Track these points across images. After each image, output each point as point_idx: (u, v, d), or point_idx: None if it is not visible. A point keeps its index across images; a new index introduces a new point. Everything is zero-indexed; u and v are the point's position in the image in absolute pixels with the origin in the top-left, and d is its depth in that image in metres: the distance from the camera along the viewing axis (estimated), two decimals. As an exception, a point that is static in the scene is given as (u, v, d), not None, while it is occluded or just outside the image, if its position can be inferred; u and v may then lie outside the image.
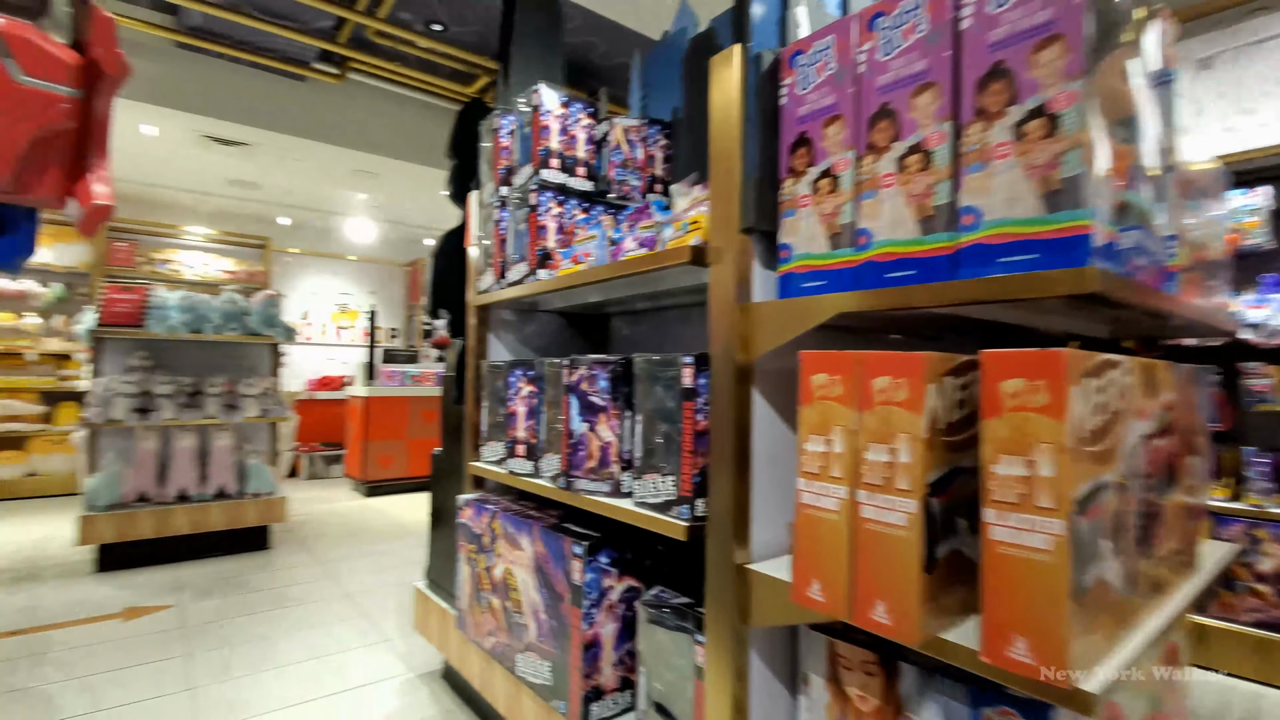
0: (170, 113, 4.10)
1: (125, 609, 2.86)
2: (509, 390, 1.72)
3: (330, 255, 7.47)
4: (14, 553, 3.70)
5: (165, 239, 6.31)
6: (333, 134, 4.55)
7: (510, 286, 1.76)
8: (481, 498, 1.86)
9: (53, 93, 1.68)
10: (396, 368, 5.67)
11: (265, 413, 3.82)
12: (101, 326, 3.44)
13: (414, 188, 5.66)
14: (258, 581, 3.23)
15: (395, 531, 4.28)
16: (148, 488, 3.51)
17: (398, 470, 5.53)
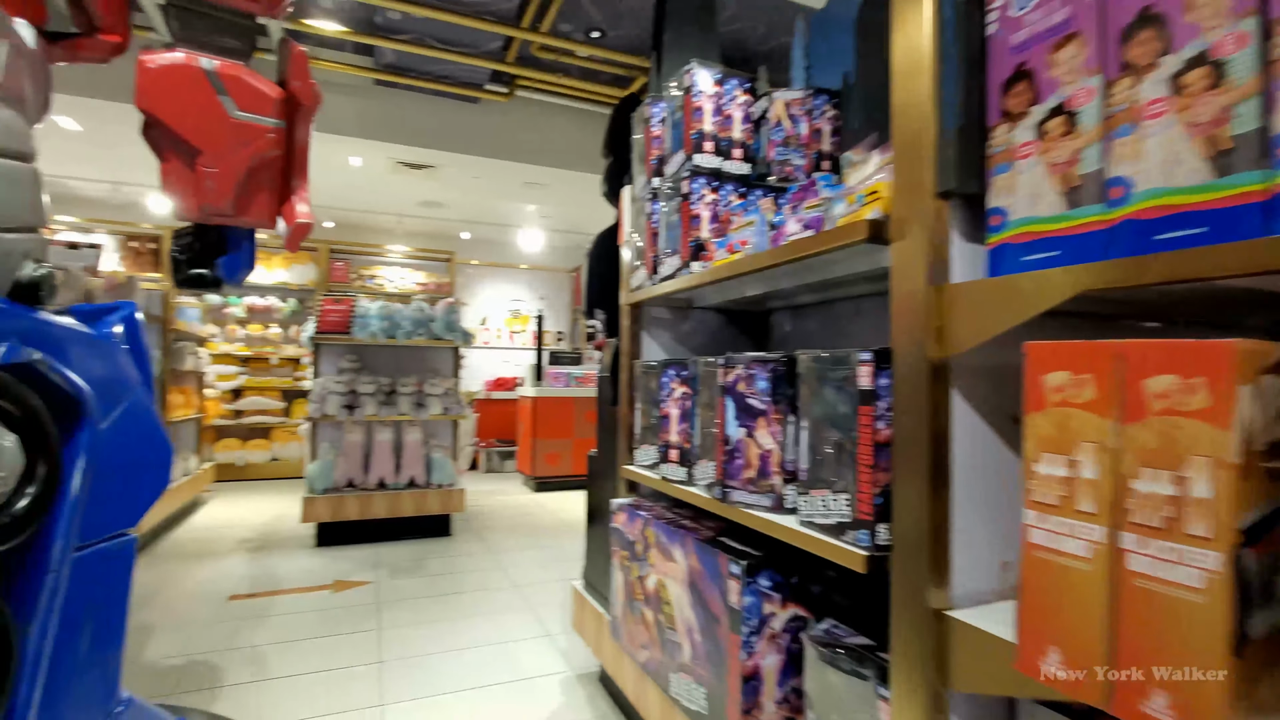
0: (371, 144, 4.64)
1: (334, 581, 3.23)
2: (662, 391, 1.63)
3: (504, 265, 8.05)
4: (258, 525, 4.39)
5: (371, 257, 7.20)
6: (504, 150, 4.86)
7: (663, 282, 1.67)
8: (635, 503, 1.79)
9: (261, 124, 1.91)
10: (562, 369, 5.92)
11: (446, 410, 4.15)
12: (318, 334, 3.95)
13: (579, 196, 5.88)
14: (439, 565, 3.49)
15: (560, 527, 4.44)
16: (355, 475, 3.97)
17: (564, 468, 5.76)
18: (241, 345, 6.39)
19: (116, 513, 1.29)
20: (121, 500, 1.30)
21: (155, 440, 1.41)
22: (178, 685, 2.16)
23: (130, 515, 1.33)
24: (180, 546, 3.86)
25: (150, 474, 1.39)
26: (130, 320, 1.51)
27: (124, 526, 1.31)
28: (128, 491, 1.32)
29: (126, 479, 1.32)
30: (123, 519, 1.31)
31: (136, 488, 1.35)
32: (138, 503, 1.36)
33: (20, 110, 1.23)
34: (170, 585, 3.15)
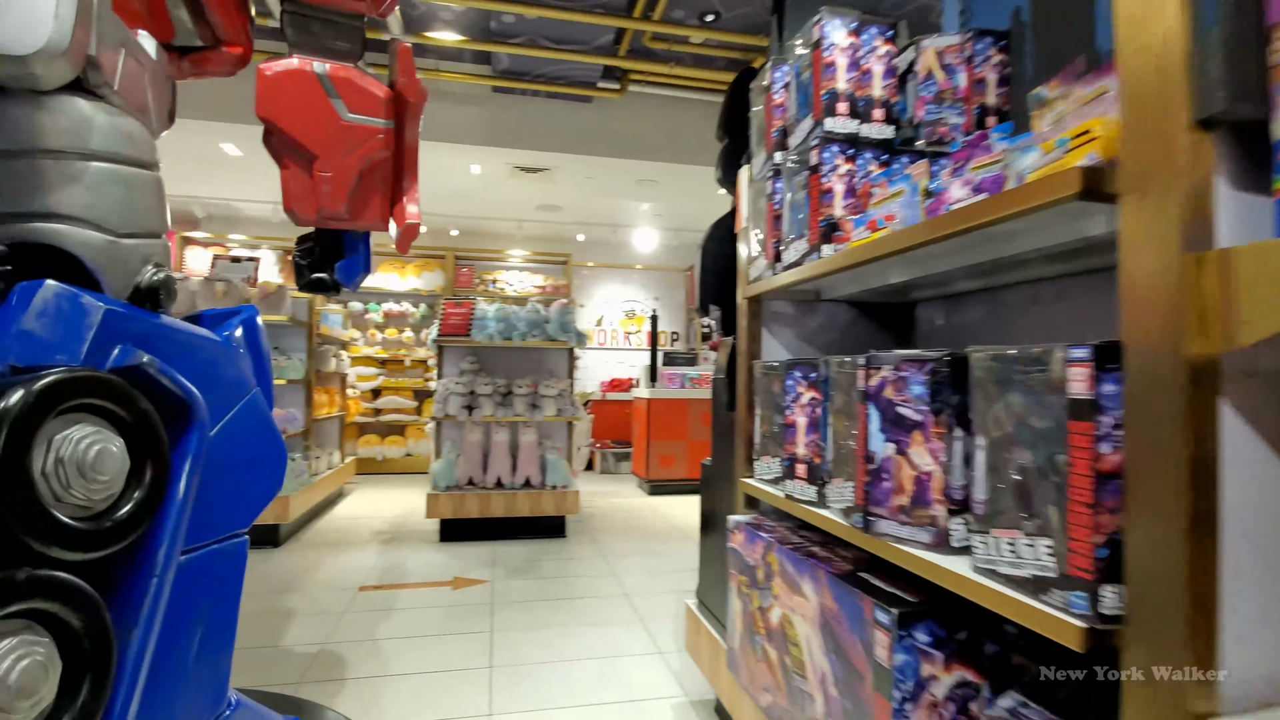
0: (490, 150, 4.77)
1: (454, 578, 3.29)
2: (786, 396, 1.41)
3: (619, 265, 8.06)
4: (391, 518, 4.63)
5: (493, 262, 7.48)
6: (617, 148, 4.81)
7: (787, 271, 1.45)
8: (754, 521, 1.58)
9: (371, 125, 1.90)
10: (676, 370, 5.78)
11: (560, 412, 4.14)
12: (441, 336, 4.08)
13: (692, 191, 5.72)
14: (552, 568, 3.46)
15: (673, 533, 4.29)
16: (474, 474, 4.06)
17: (678, 471, 5.62)
18: (379, 348, 6.86)
19: (228, 514, 1.29)
20: (233, 502, 1.30)
21: (269, 442, 1.41)
22: (306, 674, 2.24)
23: (243, 516, 1.33)
24: (324, 535, 4.15)
25: (263, 476, 1.39)
26: (250, 324, 1.54)
27: (236, 528, 1.31)
28: (240, 493, 1.32)
29: (239, 481, 1.32)
30: (235, 520, 1.31)
31: (249, 490, 1.35)
32: (250, 504, 1.36)
33: (143, 120, 1.26)
34: (312, 572, 3.35)
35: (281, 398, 4.23)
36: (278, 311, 3.87)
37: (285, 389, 4.24)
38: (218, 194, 6.07)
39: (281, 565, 3.47)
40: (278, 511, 3.74)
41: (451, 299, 4.19)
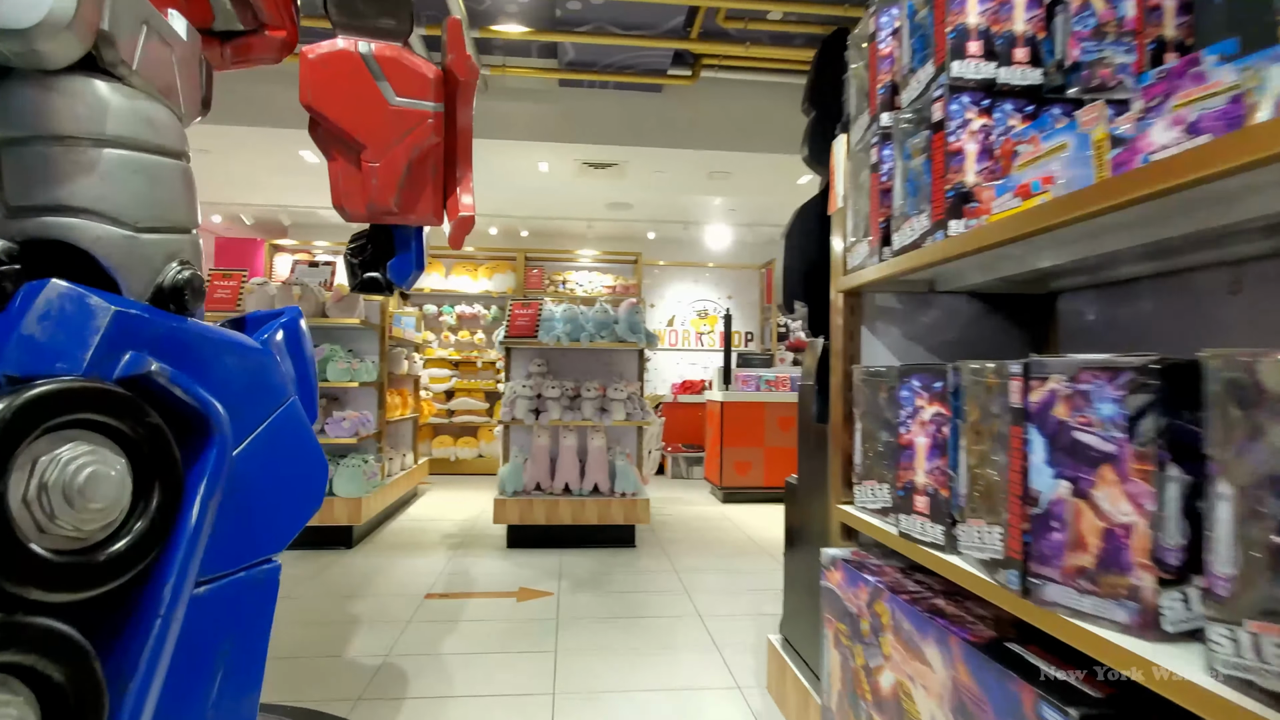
0: (557, 147, 4.65)
1: (520, 588, 3.17)
2: (899, 409, 1.15)
3: (690, 264, 7.83)
4: (461, 521, 4.59)
5: (563, 263, 7.41)
6: (689, 138, 4.58)
7: (900, 255, 1.18)
8: (856, 557, 1.32)
9: (420, 109, 1.76)
10: (751, 372, 5.49)
11: (629, 416, 3.95)
12: (508, 338, 3.99)
13: (768, 182, 5.41)
14: (621, 581, 3.28)
15: (750, 547, 4.01)
16: (542, 479, 3.94)
17: (754, 478, 5.32)
18: (453, 350, 6.93)
19: (257, 538, 1.16)
20: (264, 524, 1.17)
21: (307, 457, 1.28)
22: (366, 690, 2.15)
23: (275, 540, 1.20)
24: (396, 536, 4.14)
25: (300, 493, 1.26)
26: (291, 328, 1.42)
27: (267, 553, 1.19)
28: (272, 514, 1.19)
29: (271, 500, 1.19)
30: (265, 544, 1.18)
31: (282, 510, 1.22)
32: (284, 526, 1.23)
33: (170, 105, 1.15)
34: (382, 576, 3.32)
35: (354, 400, 4.27)
36: (350, 314, 3.89)
37: (358, 391, 4.27)
38: (301, 202, 6.28)
39: (352, 568, 3.45)
40: (350, 513, 3.75)
41: (519, 300, 4.09)
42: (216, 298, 3.83)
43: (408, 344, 5.06)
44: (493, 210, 6.69)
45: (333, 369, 3.79)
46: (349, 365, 3.82)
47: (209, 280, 3.85)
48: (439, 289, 6.97)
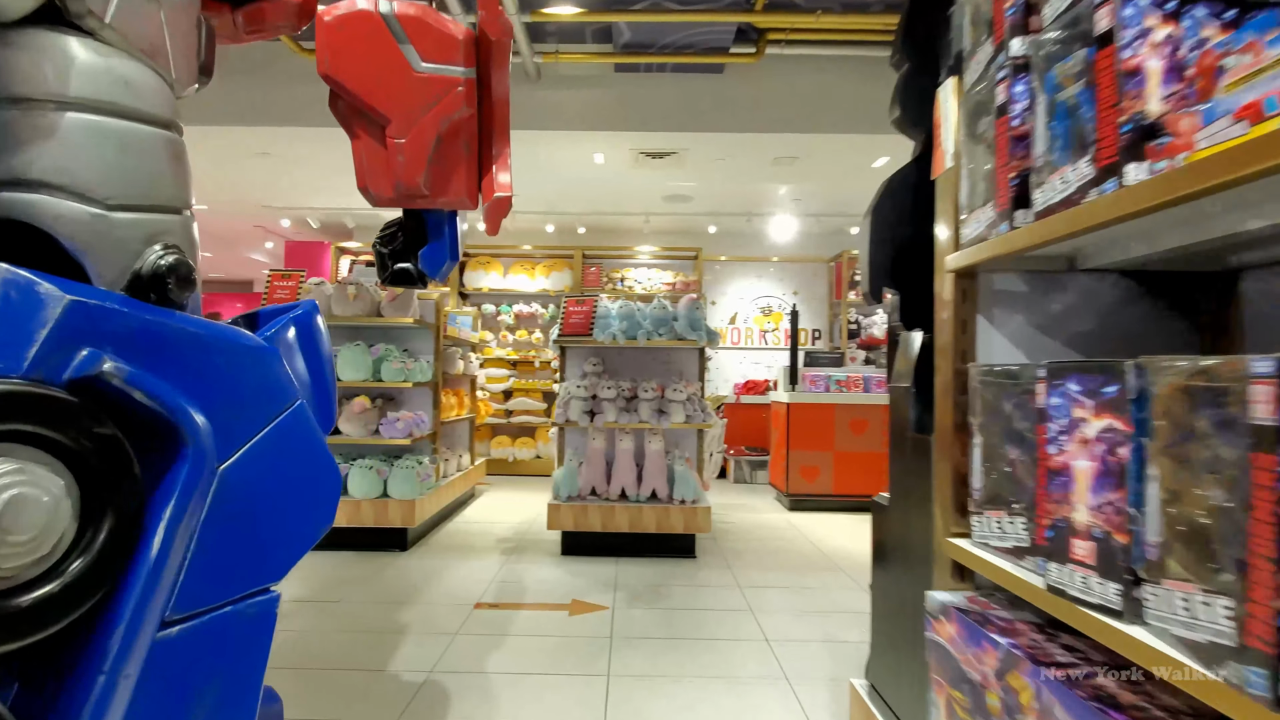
0: (613, 136, 4.46)
1: (572, 600, 2.98)
2: (1048, 421, 0.87)
3: (753, 258, 7.50)
4: (516, 525, 4.47)
5: (621, 260, 7.24)
6: (752, 120, 4.30)
7: (1044, 218, 0.90)
8: (976, 607, 1.04)
9: (449, 75, 1.56)
10: (820, 371, 5.14)
11: (689, 418, 3.71)
12: (562, 336, 3.82)
13: (838, 166, 5.05)
14: (680, 597, 3.04)
15: (821, 561, 3.70)
16: (597, 483, 3.75)
17: (823, 485, 4.98)
18: (511, 350, 6.87)
19: (251, 565, 0.99)
20: (260, 548, 1.01)
21: (315, 467, 1.12)
22: (405, 710, 2.01)
23: (273, 567, 1.04)
24: (451, 539, 4.06)
25: (305, 511, 1.09)
26: (304, 322, 1.26)
27: (263, 582, 1.02)
28: (271, 536, 1.03)
29: (270, 520, 1.03)
30: (261, 573, 1.01)
31: (284, 531, 1.06)
32: (285, 550, 1.06)
33: (156, 67, 1.00)
34: (433, 582, 3.21)
35: (409, 400, 4.21)
36: (405, 313, 3.82)
37: (413, 392, 4.21)
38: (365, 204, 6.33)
39: (405, 572, 3.37)
40: (405, 515, 3.68)
41: (573, 296, 3.91)
42: (276, 298, 3.84)
43: (464, 343, 4.99)
44: (548, 207, 6.58)
45: (387, 369, 3.73)
46: (403, 365, 3.74)
47: (270, 281, 3.86)
48: (496, 288, 6.93)
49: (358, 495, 3.70)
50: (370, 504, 3.68)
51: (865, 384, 5.08)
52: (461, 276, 6.94)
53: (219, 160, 5.15)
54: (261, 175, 5.50)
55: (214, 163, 5.23)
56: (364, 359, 3.72)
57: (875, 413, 4.94)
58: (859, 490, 4.93)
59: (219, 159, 5.11)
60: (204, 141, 4.66)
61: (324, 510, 1.14)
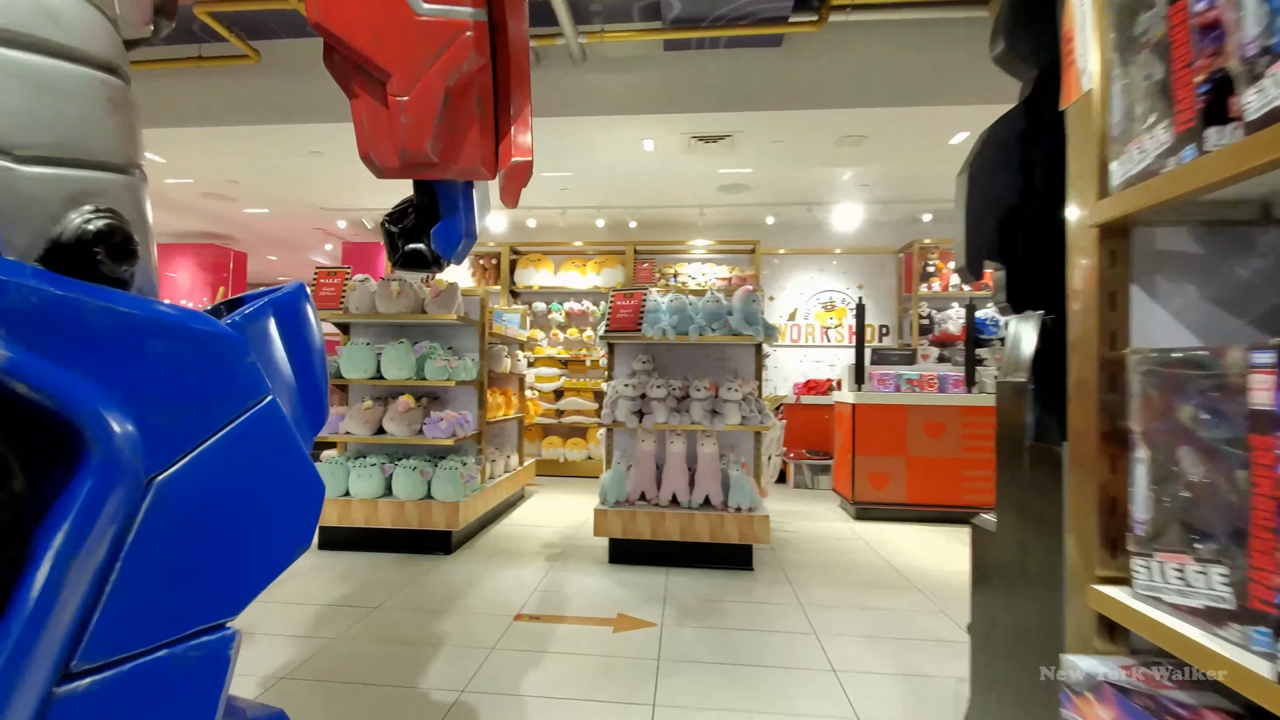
0: (663, 120, 4.22)
1: (618, 615, 2.77)
2: (1275, 428, 0.58)
3: (814, 251, 7.10)
4: (563, 529, 4.30)
5: (674, 254, 6.99)
6: (814, 97, 3.96)
7: (1262, 130, 0.60)
8: (1139, 684, 0.75)
9: (456, 18, 1.36)
10: (890, 370, 4.74)
11: (745, 420, 3.44)
12: (609, 332, 3.61)
13: (910, 145, 4.64)
14: (735, 615, 2.77)
15: (893, 579, 3.35)
16: (647, 488, 3.53)
17: (894, 493, 4.58)
18: (561, 349, 6.74)
19: (196, 598, 0.81)
20: (210, 576, 0.83)
21: (285, 478, 0.93)
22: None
23: (228, 599, 0.85)
24: (496, 543, 3.92)
25: (272, 530, 0.91)
26: (287, 305, 1.08)
27: (214, 618, 0.84)
28: (225, 561, 0.84)
29: (224, 542, 0.84)
30: (211, 606, 0.83)
31: (244, 554, 0.87)
32: (243, 578, 0.87)
33: (97, 1, 0.84)
34: (474, 589, 3.06)
35: (454, 400, 4.10)
36: (448, 310, 3.70)
37: (457, 391, 4.10)
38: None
39: (447, 578, 3.23)
40: (448, 517, 3.56)
41: (620, 290, 3.70)
42: (322, 295, 3.79)
43: (511, 341, 4.86)
44: (598, 201, 6.41)
45: (430, 367, 3.62)
46: (446, 363, 3.62)
47: (317, 279, 3.81)
48: (547, 286, 6.81)
49: (401, 496, 3.61)
50: (414, 505, 3.58)
51: (941, 383, 4.65)
52: (512, 275, 6.86)
53: (274, 160, 5.22)
54: (316, 175, 5.55)
55: (270, 163, 5.31)
56: (408, 357, 3.63)
57: (952, 415, 4.52)
58: (934, 500, 4.52)
59: (274, 159, 5.18)
60: (257, 140, 4.71)
61: (298, 527, 0.95)
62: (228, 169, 5.50)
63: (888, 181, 5.69)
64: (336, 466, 3.66)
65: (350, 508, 3.61)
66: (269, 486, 0.90)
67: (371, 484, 3.61)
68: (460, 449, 4.01)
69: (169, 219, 7.32)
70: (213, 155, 5.11)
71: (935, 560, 3.68)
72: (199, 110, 4.42)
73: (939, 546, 3.98)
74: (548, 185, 5.90)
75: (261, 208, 6.85)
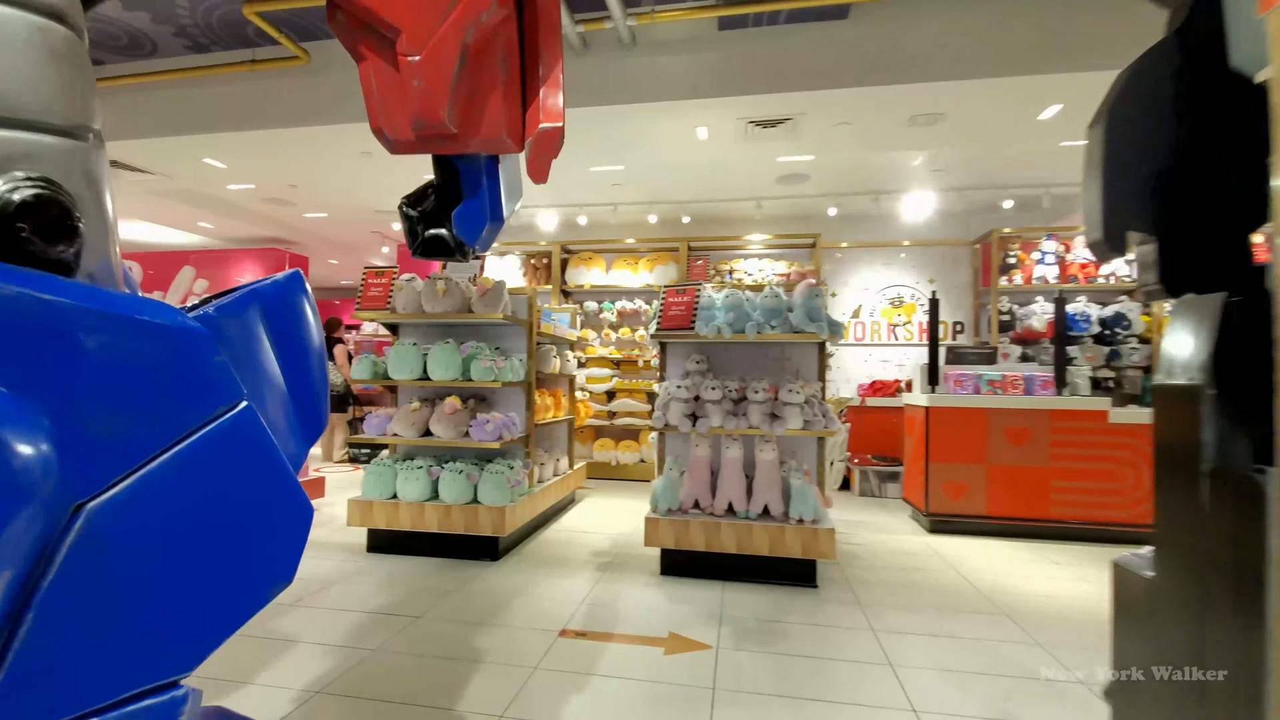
0: (717, 105, 3.98)
1: (670, 634, 2.57)
2: None
3: (880, 245, 6.69)
4: (614, 535, 4.13)
5: (730, 250, 6.73)
6: (885, 71, 3.64)
7: None
8: None
9: None
10: (967, 370, 4.35)
11: (807, 424, 3.17)
12: (660, 331, 3.42)
13: (991, 122, 4.23)
14: (798, 640, 2.52)
15: (977, 602, 3.01)
16: (701, 496, 3.32)
17: (973, 504, 4.20)
18: (614, 349, 6.60)
19: (139, 653, 0.66)
20: (157, 626, 0.68)
21: (260, 500, 0.77)
22: (464, 775, 1.68)
23: (181, 652, 0.70)
24: (544, 549, 3.79)
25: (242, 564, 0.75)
26: (275, 298, 0.93)
27: (162, 676, 0.69)
28: (178, 607, 0.69)
29: (177, 582, 0.69)
30: (158, 662, 0.68)
31: (203, 596, 0.72)
32: (202, 626, 0.72)
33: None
34: (519, 600, 2.92)
35: (501, 401, 3.99)
36: (495, 309, 3.59)
37: (504, 392, 3.99)
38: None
39: (492, 586, 3.11)
40: (495, 523, 3.44)
41: (672, 286, 3.50)
42: (370, 296, 3.75)
43: (561, 341, 4.73)
44: (651, 196, 6.22)
45: (476, 368, 3.51)
46: (492, 364, 3.51)
47: (365, 280, 3.78)
48: (599, 284, 6.68)
49: (448, 500, 3.52)
50: (461, 510, 3.48)
51: (1027, 384, 4.23)
52: (563, 274, 6.76)
53: (328, 163, 5.27)
54: (368, 178, 5.60)
55: (324, 167, 5.37)
56: (453, 357, 3.53)
57: (1040, 419, 4.10)
58: (1018, 513, 4.11)
59: (327, 161, 5.23)
60: (310, 143, 4.76)
61: (276, 562, 0.79)
62: (286, 173, 5.61)
63: (965, 165, 5.26)
64: (384, 468, 3.61)
65: (398, 510, 3.54)
66: (240, 511, 0.74)
67: (418, 487, 3.54)
68: (508, 452, 3.90)
69: (234, 224, 7.59)
70: (270, 160, 5.21)
71: (1023, 581, 3.31)
72: (254, 114, 4.49)
73: (1026, 565, 3.60)
74: (598, 181, 5.76)
75: (320, 212, 7.00)
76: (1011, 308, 5.86)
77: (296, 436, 0.97)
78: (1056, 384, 4.19)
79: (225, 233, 8.07)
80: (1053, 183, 5.57)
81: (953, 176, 5.55)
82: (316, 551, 3.68)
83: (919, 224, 6.55)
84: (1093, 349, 5.25)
